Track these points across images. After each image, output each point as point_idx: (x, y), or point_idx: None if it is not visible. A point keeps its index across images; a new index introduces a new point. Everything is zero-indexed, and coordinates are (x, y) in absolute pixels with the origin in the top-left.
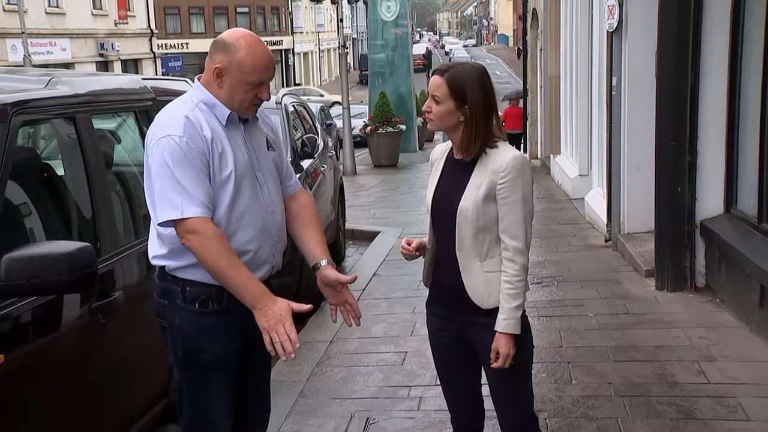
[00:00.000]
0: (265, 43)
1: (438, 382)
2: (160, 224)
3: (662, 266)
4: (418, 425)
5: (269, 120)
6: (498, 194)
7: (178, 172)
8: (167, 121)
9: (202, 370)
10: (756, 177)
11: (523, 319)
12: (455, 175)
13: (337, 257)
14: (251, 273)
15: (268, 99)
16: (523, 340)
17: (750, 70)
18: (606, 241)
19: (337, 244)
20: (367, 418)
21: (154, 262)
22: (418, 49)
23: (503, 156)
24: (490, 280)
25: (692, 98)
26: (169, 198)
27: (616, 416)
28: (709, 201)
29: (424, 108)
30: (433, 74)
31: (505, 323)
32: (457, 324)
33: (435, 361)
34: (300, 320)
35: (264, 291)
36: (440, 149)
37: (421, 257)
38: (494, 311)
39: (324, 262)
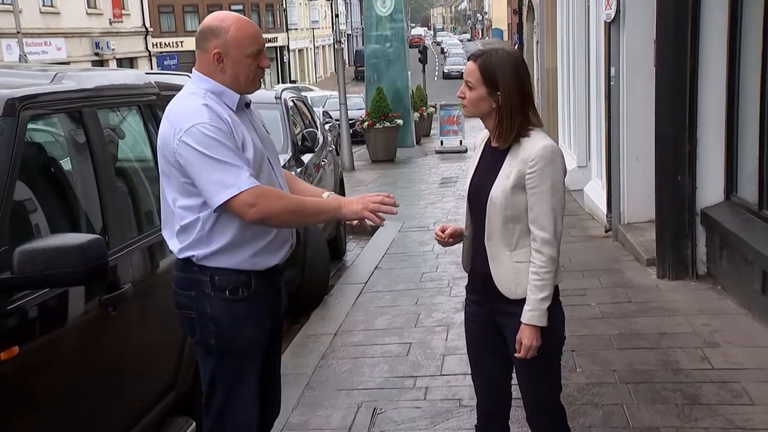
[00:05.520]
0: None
1: (443, 372)
2: (217, 209)
3: (663, 255)
4: (425, 414)
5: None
6: (527, 184)
7: (217, 153)
8: (188, 113)
9: (236, 356)
10: (756, 164)
11: (555, 309)
12: (490, 163)
13: (338, 251)
14: (312, 199)
15: (268, 65)
16: (551, 331)
17: (749, 57)
18: (606, 231)
19: (338, 238)
20: (374, 408)
21: (180, 254)
22: (417, 31)
23: (533, 145)
24: (518, 271)
25: (691, 87)
26: (218, 180)
27: (621, 402)
28: (710, 189)
29: (458, 93)
30: (468, 60)
31: (530, 315)
32: (487, 310)
33: (467, 343)
34: (304, 313)
35: (335, 197)
36: (482, 136)
37: (456, 243)
38: (523, 301)
39: (326, 195)
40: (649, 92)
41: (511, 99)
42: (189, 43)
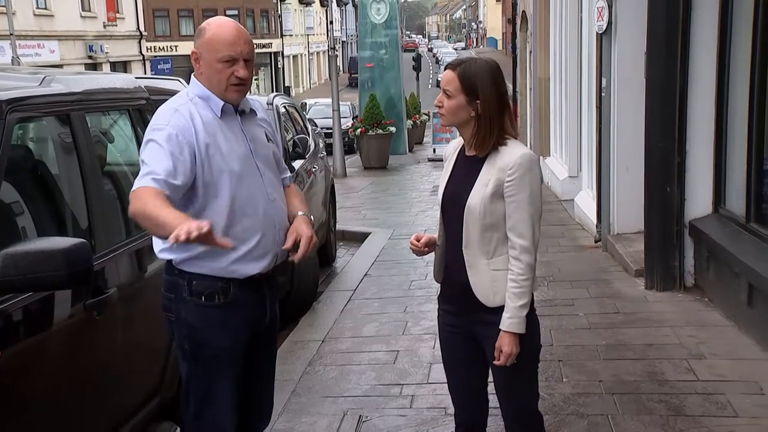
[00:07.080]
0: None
1: (430, 380)
2: None
3: (651, 266)
4: (411, 422)
5: (266, 115)
6: (505, 192)
7: (148, 156)
8: (156, 116)
9: (208, 363)
10: (744, 177)
11: (531, 318)
12: (465, 172)
13: (328, 258)
14: (166, 210)
15: (246, 77)
16: (529, 339)
17: (738, 71)
18: (595, 241)
19: (328, 244)
20: (360, 416)
21: (160, 256)
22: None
23: (511, 153)
24: (496, 279)
25: (681, 99)
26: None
27: (606, 413)
28: (698, 201)
29: (435, 102)
30: (445, 69)
31: (509, 322)
32: (464, 320)
33: (443, 355)
34: (293, 320)
35: (184, 218)
36: (454, 145)
37: (430, 253)
38: (500, 309)
39: (300, 213)
40: (639, 104)
41: (490, 107)
42: (183, 48)
